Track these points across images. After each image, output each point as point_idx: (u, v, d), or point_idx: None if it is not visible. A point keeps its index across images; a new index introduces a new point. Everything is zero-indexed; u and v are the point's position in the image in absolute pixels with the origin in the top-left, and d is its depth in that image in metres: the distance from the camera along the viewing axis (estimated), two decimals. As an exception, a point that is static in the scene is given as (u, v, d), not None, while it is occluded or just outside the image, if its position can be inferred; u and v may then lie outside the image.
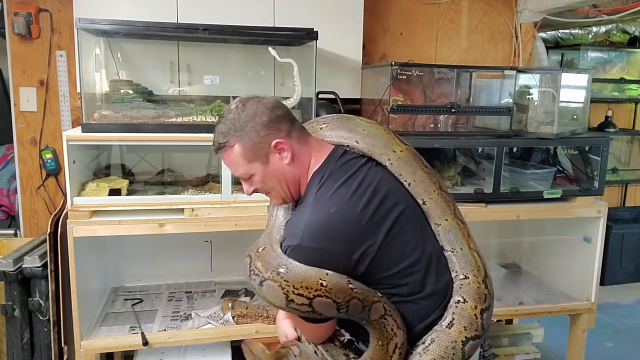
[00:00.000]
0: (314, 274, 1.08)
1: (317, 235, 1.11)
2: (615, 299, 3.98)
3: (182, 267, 2.56)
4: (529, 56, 3.12)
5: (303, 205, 1.22)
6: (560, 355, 2.91)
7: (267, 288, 1.10)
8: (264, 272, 1.10)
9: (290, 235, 1.16)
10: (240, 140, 1.19)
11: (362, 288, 1.13)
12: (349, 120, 1.34)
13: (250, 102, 1.21)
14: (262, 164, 1.21)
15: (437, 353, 1.16)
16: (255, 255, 1.15)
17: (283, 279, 1.08)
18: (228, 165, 1.25)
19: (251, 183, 1.25)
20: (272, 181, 1.23)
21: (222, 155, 1.23)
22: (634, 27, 4.17)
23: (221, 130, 1.21)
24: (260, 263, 1.12)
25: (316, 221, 1.13)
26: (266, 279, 1.09)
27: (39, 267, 2.13)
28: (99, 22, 1.99)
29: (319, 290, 1.07)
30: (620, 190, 4.43)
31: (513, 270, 2.90)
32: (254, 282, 1.12)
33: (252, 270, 1.13)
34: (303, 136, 1.26)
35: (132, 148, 2.39)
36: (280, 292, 1.08)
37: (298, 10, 2.43)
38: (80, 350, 1.98)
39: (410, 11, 2.95)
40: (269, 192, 1.27)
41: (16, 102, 2.55)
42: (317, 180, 1.21)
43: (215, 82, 2.38)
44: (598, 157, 2.48)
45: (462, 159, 2.55)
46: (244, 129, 1.19)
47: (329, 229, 1.12)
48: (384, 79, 2.34)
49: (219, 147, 1.22)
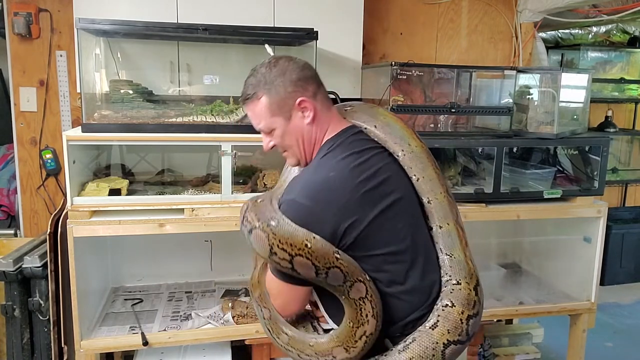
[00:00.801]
0: (301, 234, 1.11)
1: (311, 193, 1.15)
2: (615, 299, 3.98)
3: (182, 267, 2.56)
4: (529, 56, 3.12)
5: (307, 168, 1.29)
6: (560, 355, 2.91)
7: (255, 236, 1.14)
8: (255, 221, 1.14)
9: (288, 191, 1.20)
10: (267, 93, 1.23)
11: (349, 262, 1.14)
12: (373, 108, 1.39)
13: (283, 60, 1.26)
14: (285, 120, 1.25)
15: (416, 352, 1.16)
16: (252, 205, 1.20)
17: (272, 231, 1.11)
18: (252, 117, 1.28)
19: (271, 138, 1.29)
20: (291, 138, 1.27)
21: (248, 106, 1.27)
22: (634, 27, 4.17)
23: (251, 82, 1.25)
24: (253, 213, 1.16)
25: (314, 181, 1.18)
26: (256, 227, 1.13)
27: (39, 267, 2.13)
28: (99, 22, 1.99)
29: (302, 250, 1.10)
30: (620, 190, 4.44)
31: (513, 270, 2.90)
32: (245, 228, 1.18)
33: (245, 218, 1.18)
34: (327, 103, 1.30)
35: (132, 148, 2.39)
36: (266, 242, 1.12)
37: (298, 10, 2.43)
38: (80, 350, 1.98)
39: (410, 11, 2.95)
40: (285, 151, 1.31)
41: (16, 102, 2.55)
42: (326, 148, 1.26)
43: (215, 82, 2.38)
44: (598, 157, 2.48)
45: (462, 159, 2.55)
46: (272, 82, 1.23)
47: (323, 190, 1.16)
48: (384, 79, 2.34)
49: (246, 97, 1.26)
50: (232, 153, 2.03)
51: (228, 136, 2.03)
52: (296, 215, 1.12)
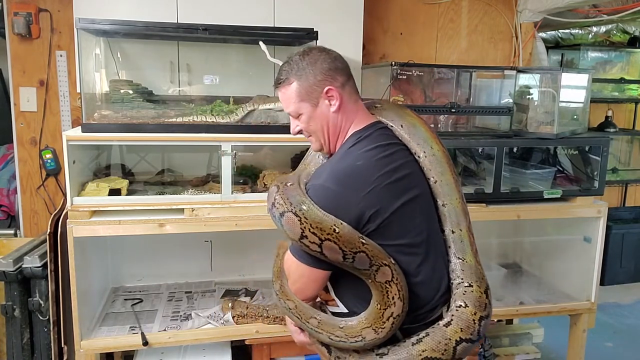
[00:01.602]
0: (330, 219, 1.15)
1: (339, 179, 1.21)
2: (615, 299, 3.98)
3: (182, 267, 2.56)
4: (529, 56, 3.12)
5: (333, 157, 1.34)
6: (560, 355, 2.91)
7: (286, 220, 1.18)
8: (287, 205, 1.18)
9: (315, 177, 1.28)
10: (298, 80, 1.30)
11: (374, 247, 1.18)
12: (402, 109, 1.45)
13: (316, 50, 1.34)
14: (312, 106, 1.31)
15: (429, 345, 1.21)
16: (282, 188, 1.23)
17: (304, 215, 1.16)
18: (282, 100, 1.35)
19: (298, 122, 1.35)
20: (316, 124, 1.33)
21: (280, 90, 1.34)
22: (634, 27, 4.17)
23: (284, 68, 1.33)
24: (285, 196, 1.20)
25: (341, 168, 1.24)
26: (288, 211, 1.17)
27: (39, 267, 2.13)
28: (99, 22, 1.99)
29: (331, 235, 1.14)
30: (620, 190, 4.43)
31: (513, 270, 2.90)
32: (276, 211, 1.21)
33: (276, 200, 1.21)
34: (354, 95, 1.36)
35: (132, 148, 2.39)
36: (298, 225, 1.16)
37: (298, 10, 2.43)
38: (80, 350, 1.98)
39: (410, 11, 2.95)
40: (310, 136, 1.37)
41: (16, 102, 2.55)
42: (353, 139, 1.31)
43: (215, 82, 2.38)
44: (598, 157, 2.48)
45: (462, 159, 2.55)
46: (304, 70, 1.30)
47: (351, 176, 1.22)
48: (384, 79, 2.34)
49: (279, 82, 1.33)
50: (232, 153, 2.03)
51: (228, 136, 2.03)
52: (324, 199, 1.18)
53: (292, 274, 1.29)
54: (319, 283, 1.27)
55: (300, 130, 1.37)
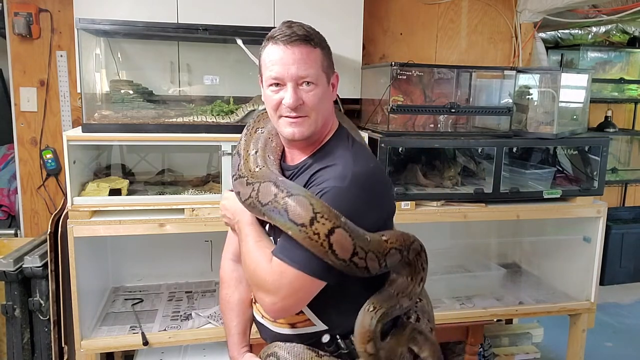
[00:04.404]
0: (362, 232, 1.07)
1: (361, 183, 1.10)
2: (615, 298, 3.98)
3: (182, 267, 2.56)
4: (528, 56, 3.13)
5: (333, 155, 1.18)
6: (559, 355, 2.91)
7: (337, 236, 1.03)
8: (334, 220, 1.03)
9: (331, 178, 1.11)
10: (322, 49, 1.16)
11: (395, 236, 1.14)
12: (351, 122, 1.40)
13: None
14: (326, 83, 1.18)
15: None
16: (311, 198, 1.06)
17: (350, 230, 1.05)
18: (301, 60, 1.12)
19: (305, 92, 1.14)
20: (318, 104, 1.15)
21: (303, 49, 1.12)
22: (634, 27, 4.17)
23: (306, 28, 1.14)
24: (327, 209, 1.05)
25: (361, 172, 1.12)
26: (338, 227, 1.03)
27: (40, 267, 2.13)
28: (99, 22, 1.99)
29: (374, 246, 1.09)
30: (620, 190, 4.44)
31: (513, 270, 2.90)
32: (323, 228, 1.03)
33: (322, 213, 1.04)
34: None
35: (132, 148, 2.39)
36: (350, 243, 1.04)
37: (298, 10, 2.43)
38: (81, 350, 1.98)
39: (410, 11, 2.95)
40: (304, 116, 1.16)
41: (16, 102, 2.55)
42: (345, 137, 1.22)
43: (215, 82, 2.38)
44: (598, 157, 2.49)
45: (462, 159, 2.55)
46: (325, 42, 1.17)
47: (372, 181, 1.14)
48: (384, 79, 2.34)
49: (305, 38, 1.12)
50: (232, 153, 2.03)
51: (228, 136, 2.03)
52: (349, 203, 1.08)
53: (285, 287, 1.08)
54: (311, 297, 1.12)
55: (303, 104, 1.14)
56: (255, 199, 1.13)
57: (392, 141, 2.21)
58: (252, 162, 1.23)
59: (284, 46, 1.13)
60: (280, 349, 1.22)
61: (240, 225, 1.23)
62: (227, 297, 1.36)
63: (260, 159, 1.24)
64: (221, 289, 1.38)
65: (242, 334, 1.33)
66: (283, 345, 1.23)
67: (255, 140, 1.29)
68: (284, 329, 1.24)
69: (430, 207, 2.29)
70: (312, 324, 1.20)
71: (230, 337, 1.33)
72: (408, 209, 2.24)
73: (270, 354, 1.24)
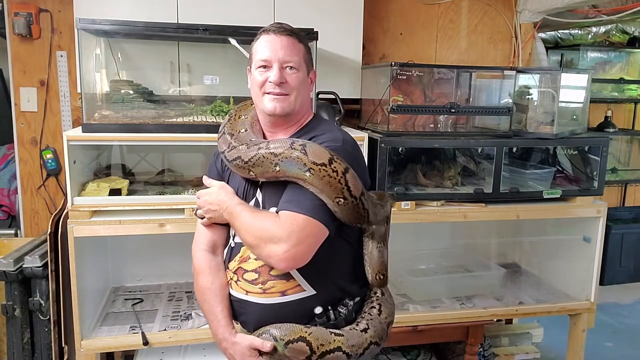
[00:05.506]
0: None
1: (352, 148, 1.30)
2: (615, 298, 3.99)
3: (183, 267, 2.55)
4: (528, 56, 3.13)
5: (319, 129, 1.34)
6: (559, 355, 2.91)
7: (351, 175, 1.22)
8: (344, 164, 1.22)
9: (329, 140, 1.27)
10: (305, 46, 1.34)
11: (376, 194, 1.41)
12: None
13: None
14: (306, 73, 1.34)
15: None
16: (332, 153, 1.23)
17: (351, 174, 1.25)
18: (288, 47, 1.29)
19: (288, 74, 1.29)
20: (299, 86, 1.31)
21: (290, 39, 1.31)
22: (634, 28, 4.18)
23: (293, 29, 1.33)
24: (340, 160, 1.22)
25: (349, 140, 1.32)
26: (349, 169, 1.23)
27: (40, 267, 2.13)
28: (99, 22, 1.99)
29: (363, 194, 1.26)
30: (620, 190, 4.44)
31: (513, 270, 2.90)
32: (340, 167, 1.20)
33: (335, 159, 1.21)
34: None
35: (132, 148, 2.39)
36: (360, 183, 1.24)
37: (298, 10, 2.43)
38: (81, 350, 1.98)
39: (410, 11, 2.95)
40: (286, 94, 1.30)
41: (17, 102, 2.56)
42: (324, 119, 1.45)
43: (215, 82, 2.38)
44: (597, 157, 2.49)
45: (462, 159, 2.55)
46: (308, 45, 1.36)
47: (358, 149, 1.35)
48: (384, 79, 2.34)
49: (292, 31, 1.32)
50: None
51: (228, 136, 2.03)
52: (345, 159, 1.23)
53: (295, 233, 1.16)
54: (317, 246, 1.21)
55: (284, 83, 1.29)
56: (266, 151, 1.23)
57: (392, 141, 2.22)
58: (246, 136, 1.36)
59: (274, 35, 1.30)
60: (270, 327, 1.26)
61: (230, 208, 1.30)
62: (208, 284, 1.37)
63: (252, 135, 1.36)
64: (198, 279, 1.39)
65: (229, 317, 1.34)
66: (273, 325, 1.27)
67: (241, 123, 1.42)
68: (274, 299, 1.28)
69: (430, 207, 2.29)
70: (302, 289, 1.27)
71: (217, 322, 1.34)
72: (408, 209, 2.25)
73: (262, 332, 1.26)
